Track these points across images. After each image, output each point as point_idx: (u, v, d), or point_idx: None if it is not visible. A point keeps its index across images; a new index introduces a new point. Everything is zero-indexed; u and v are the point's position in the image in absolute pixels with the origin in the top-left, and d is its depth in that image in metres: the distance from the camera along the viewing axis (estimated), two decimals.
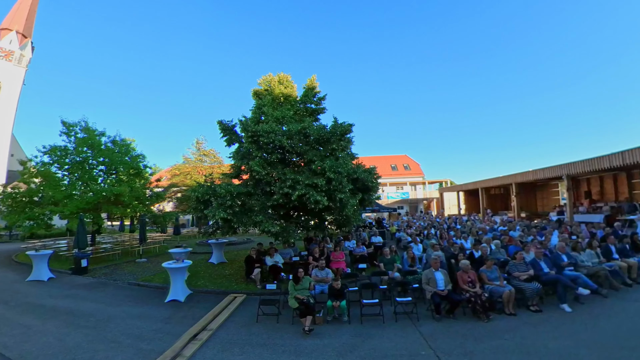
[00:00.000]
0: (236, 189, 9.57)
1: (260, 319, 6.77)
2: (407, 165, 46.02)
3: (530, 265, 7.46)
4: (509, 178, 23.98)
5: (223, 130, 12.12)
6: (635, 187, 19.85)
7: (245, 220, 9.62)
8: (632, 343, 4.84)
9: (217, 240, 13.73)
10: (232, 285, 9.84)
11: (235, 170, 12.74)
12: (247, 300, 8.43)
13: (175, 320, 6.91)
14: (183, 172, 30.38)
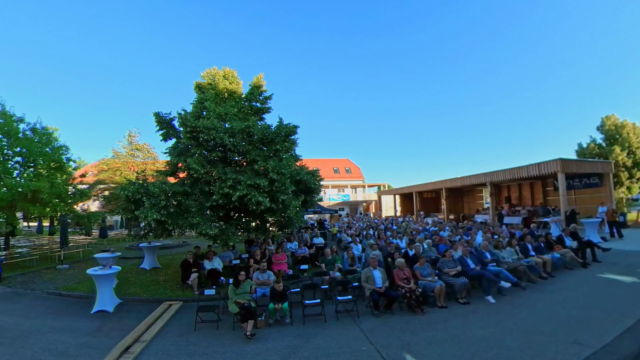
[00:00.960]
0: (171, 188, 9.04)
1: (199, 327, 6.45)
2: (348, 169, 47.57)
3: (458, 262, 8.07)
4: (440, 184, 26.17)
5: (160, 123, 11.29)
6: (548, 193, 22.87)
7: (181, 222, 9.02)
8: (548, 329, 5.43)
9: (150, 243, 12.77)
10: (167, 293, 9.21)
11: (171, 168, 11.85)
12: (184, 307, 7.96)
13: (103, 333, 6.33)
14: (112, 168, 27.25)
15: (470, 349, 4.82)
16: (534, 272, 8.50)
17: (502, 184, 25.28)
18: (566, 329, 5.31)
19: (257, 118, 12.64)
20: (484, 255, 8.68)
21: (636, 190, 26.37)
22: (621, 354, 4.36)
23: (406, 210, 33.44)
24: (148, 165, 26.94)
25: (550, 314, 6.09)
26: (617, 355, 4.36)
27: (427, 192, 31.28)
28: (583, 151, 25.99)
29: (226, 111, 10.79)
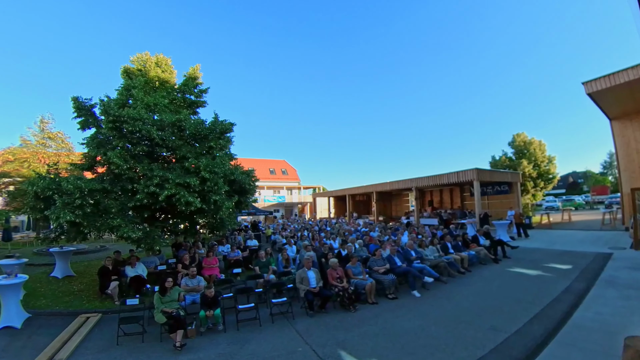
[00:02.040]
0: (88, 185, 8.00)
1: (122, 340, 5.81)
2: (285, 170, 47.27)
3: (387, 260, 8.50)
4: (371, 187, 27.45)
5: (78, 109, 9.84)
6: (465, 198, 25.68)
7: (99, 224, 8.04)
8: (468, 317, 5.99)
9: (62, 248, 11.16)
10: (84, 304, 8.11)
11: (88, 161, 10.38)
12: (104, 320, 7.09)
13: (11, 353, 5.43)
14: (19, 159, 23.22)
15: (400, 341, 5.10)
16: (453, 268, 9.29)
17: (426, 189, 27.55)
18: (483, 317, 5.92)
19: (190, 112, 11.80)
20: (410, 254, 9.27)
21: (539, 197, 30.48)
22: (531, 337, 4.95)
23: (339, 212, 34.40)
24: (62, 157, 23.63)
25: (468, 305, 6.71)
26: (528, 338, 4.93)
27: (359, 195, 32.54)
28: (496, 163, 29.34)
29: (156, 101, 9.90)
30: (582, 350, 4.35)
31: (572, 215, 23.83)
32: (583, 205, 36.86)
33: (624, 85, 11.75)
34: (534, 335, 5.02)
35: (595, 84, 12.39)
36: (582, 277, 8.07)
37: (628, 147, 15.42)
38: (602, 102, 13.94)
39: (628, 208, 13.99)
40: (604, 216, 18.14)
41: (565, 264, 9.61)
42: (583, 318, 5.52)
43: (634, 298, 6.24)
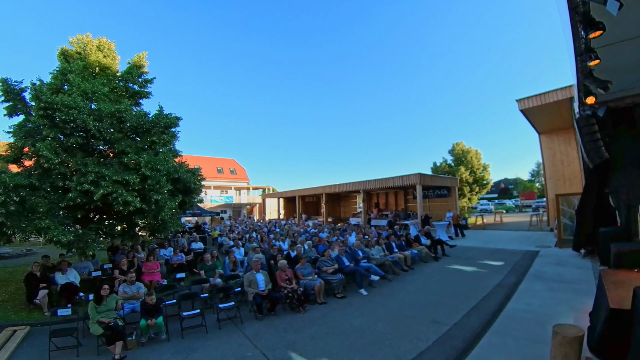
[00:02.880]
0: (13, 180, 7.09)
1: (54, 356, 5.15)
2: (233, 170, 45.44)
3: (335, 260, 8.62)
4: (321, 189, 27.78)
5: (6, 92, 8.68)
6: (409, 201, 27.11)
7: (25, 225, 7.18)
8: (411, 312, 6.28)
9: None
10: (9, 316, 7.07)
11: (14, 153, 9.05)
12: (33, 333, 6.28)
13: None
14: None
15: (348, 338, 5.18)
16: (397, 266, 9.69)
17: (373, 191, 28.53)
18: (426, 312, 6.25)
19: (132, 102, 10.85)
20: (357, 253, 9.50)
21: (475, 200, 33.26)
22: (469, 328, 5.32)
23: (289, 213, 34.26)
24: None
25: (412, 300, 7.03)
26: (467, 329, 5.30)
27: (309, 196, 32.67)
28: (437, 168, 31.56)
29: (95, 89, 8.99)
30: (516, 338, 4.75)
31: (504, 217, 26.19)
32: (513, 209, 40.80)
33: (553, 104, 13.20)
34: (472, 326, 5.39)
35: (527, 102, 13.83)
36: (513, 272, 8.85)
37: (554, 158, 17.39)
38: (533, 118, 15.52)
39: (553, 211, 15.63)
40: (532, 218, 20.25)
41: (498, 261, 10.47)
42: (515, 309, 6.04)
43: (559, 290, 6.95)
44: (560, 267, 9.07)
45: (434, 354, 4.56)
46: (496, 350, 4.49)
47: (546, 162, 17.93)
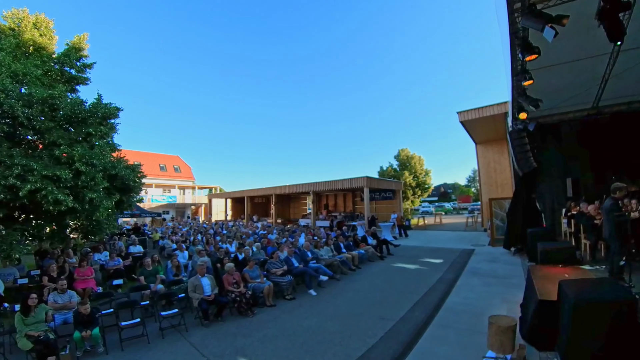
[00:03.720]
0: None
1: None
2: (177, 167, 42.65)
3: (284, 261, 8.57)
4: (270, 190, 27.55)
5: None
6: (357, 203, 28.12)
7: None
8: (359, 310, 6.42)
9: None
10: None
11: None
12: None
13: None
14: None
15: (299, 340, 5.16)
16: (345, 266, 9.88)
17: (322, 193, 29.00)
18: (373, 309, 6.44)
19: (67, 88, 9.87)
20: (306, 254, 9.55)
21: (417, 203, 35.62)
22: (414, 323, 5.59)
23: (237, 214, 33.43)
24: None
25: (360, 299, 7.21)
26: (411, 323, 5.56)
27: (258, 197, 32.16)
28: (383, 172, 33.10)
29: (26, 70, 8.09)
30: (456, 330, 5.11)
31: (443, 218, 28.17)
32: (451, 211, 44.06)
33: (489, 118, 14.45)
34: (416, 320, 5.67)
35: (467, 114, 15.03)
36: (452, 269, 9.46)
37: (488, 166, 19.11)
38: (471, 129, 16.89)
39: (486, 213, 17.04)
40: (468, 220, 21.94)
41: (438, 259, 11.13)
42: (454, 303, 6.49)
43: (493, 284, 7.60)
44: (493, 263, 9.91)
45: (382, 349, 4.70)
46: (439, 341, 4.77)
47: (481, 169, 19.63)
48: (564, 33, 4.84)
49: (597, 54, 7.19)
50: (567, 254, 6.19)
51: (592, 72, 7.95)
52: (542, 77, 7.21)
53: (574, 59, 7.35)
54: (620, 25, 4.64)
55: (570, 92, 8.66)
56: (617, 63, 7.39)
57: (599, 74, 8.02)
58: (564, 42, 5.57)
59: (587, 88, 8.62)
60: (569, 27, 4.76)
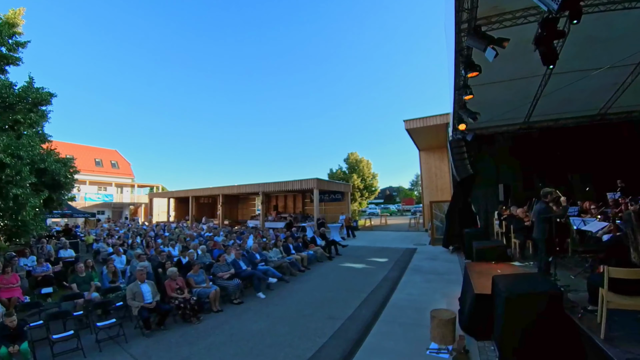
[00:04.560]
0: None
1: None
2: (115, 163, 38.73)
3: (232, 264, 8.33)
4: (217, 190, 26.68)
5: None
6: (306, 204, 28.40)
7: None
8: (309, 311, 6.48)
9: None
10: None
11: None
12: None
13: None
14: None
15: (248, 345, 5.06)
16: (295, 267, 9.94)
17: (272, 194, 28.76)
18: (322, 309, 6.54)
19: None
20: (255, 257, 9.40)
21: (364, 204, 36.98)
22: (362, 320, 5.78)
23: (181, 215, 31.79)
24: None
25: (309, 299, 7.28)
26: (359, 321, 5.75)
27: (204, 197, 30.91)
28: (333, 175, 33.90)
29: None
30: (401, 325, 5.40)
31: (388, 219, 29.62)
32: (396, 212, 46.32)
33: (432, 127, 15.66)
34: (364, 317, 5.88)
35: (412, 123, 16.15)
36: (396, 267, 9.97)
37: (430, 171, 20.62)
38: (415, 137, 18.14)
39: (428, 215, 18.14)
40: (410, 221, 23.52)
41: (383, 258, 11.63)
42: (399, 299, 6.85)
43: (434, 281, 8.15)
44: (433, 261, 10.63)
45: (331, 348, 4.79)
46: (386, 336, 5.01)
47: (424, 174, 21.10)
48: (504, 54, 5.46)
49: (531, 76, 8.30)
50: (499, 251, 6.93)
51: (525, 91, 9.16)
52: (481, 92, 7.98)
53: (510, 79, 8.40)
54: (554, 51, 5.31)
55: (505, 107, 9.81)
56: (547, 84, 8.60)
57: (532, 93, 9.29)
58: (503, 62, 6.25)
59: (520, 105, 9.93)
60: (508, 49, 5.40)
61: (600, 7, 5.67)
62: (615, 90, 9.24)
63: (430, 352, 4.31)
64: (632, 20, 6.17)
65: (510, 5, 5.82)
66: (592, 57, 7.40)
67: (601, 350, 3.18)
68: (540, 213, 5.90)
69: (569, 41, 6.22)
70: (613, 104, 10.02)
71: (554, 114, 10.89)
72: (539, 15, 5.64)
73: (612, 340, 3.28)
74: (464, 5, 5.26)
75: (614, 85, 9.02)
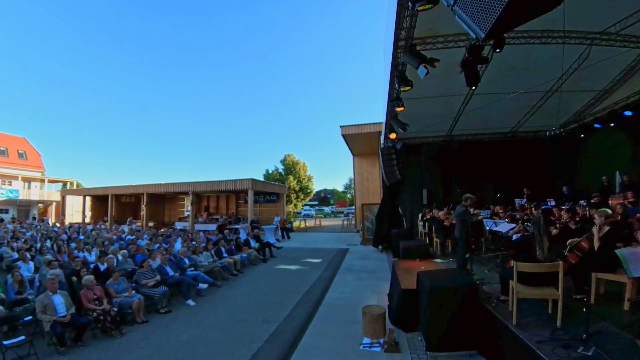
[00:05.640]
0: None
1: None
2: (23, 153, 32.43)
3: (157, 271, 7.76)
4: (142, 188, 24.79)
5: None
6: (240, 205, 27.60)
7: None
8: (243, 316, 6.32)
9: None
10: None
11: None
12: None
13: None
14: None
15: (178, 356, 4.82)
16: (227, 271, 9.62)
17: (203, 194, 27.45)
18: (256, 313, 6.45)
19: None
20: (183, 261, 8.89)
21: (300, 206, 37.38)
22: (297, 321, 5.85)
23: (99, 215, 28.67)
24: None
25: (242, 304, 7.12)
26: (295, 322, 5.81)
27: (126, 196, 28.38)
28: (269, 176, 33.73)
29: None
30: (336, 322, 5.61)
31: (322, 221, 30.16)
32: (330, 214, 47.34)
33: (366, 134, 16.56)
34: (299, 318, 5.96)
35: (348, 129, 16.87)
36: (330, 267, 10.31)
37: (362, 176, 21.72)
38: (350, 142, 18.95)
39: (359, 217, 19.03)
40: (343, 222, 24.46)
41: (318, 258, 11.92)
42: (333, 298, 7.10)
43: (364, 279, 8.58)
44: (364, 260, 11.21)
45: (267, 351, 4.78)
46: (321, 335, 5.15)
47: (356, 178, 22.15)
48: (434, 73, 6.02)
49: (456, 94, 9.54)
50: (422, 250, 7.64)
51: (450, 107, 10.54)
52: (411, 106, 8.75)
53: (437, 95, 9.53)
54: (477, 74, 6.10)
55: (431, 121, 11.09)
56: (469, 103, 10.05)
57: (455, 109, 10.74)
58: (432, 80, 6.92)
59: (444, 119, 11.38)
60: (438, 69, 5.99)
61: (521, 39, 6.76)
62: (526, 112, 11.08)
63: (364, 347, 4.54)
64: (546, 54, 7.50)
65: (444, 29, 6.60)
66: (509, 82, 8.75)
67: (513, 335, 3.61)
68: (460, 215, 6.57)
69: (490, 67, 7.28)
70: (523, 124, 12.01)
71: (472, 130, 12.69)
72: (467, 42, 6.44)
73: (523, 325, 3.75)
74: (403, 24, 5.71)
75: (526, 108, 10.80)
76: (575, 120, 11.72)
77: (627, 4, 6.10)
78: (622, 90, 9.35)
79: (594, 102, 10.29)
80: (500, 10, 1.59)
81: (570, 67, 8.00)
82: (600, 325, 3.57)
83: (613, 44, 7.07)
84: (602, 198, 8.21)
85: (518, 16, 1.72)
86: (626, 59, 7.92)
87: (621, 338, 3.29)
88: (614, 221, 4.71)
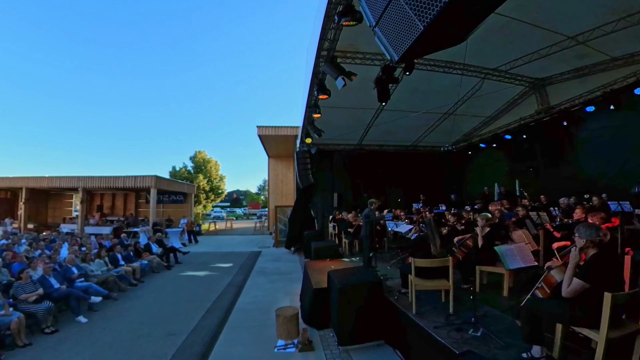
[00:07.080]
0: None
1: None
2: None
3: (39, 283, 6.60)
4: (20, 181, 20.70)
5: None
6: (140, 205, 24.98)
7: None
8: (145, 331, 5.69)
9: None
10: None
11: None
12: None
13: None
14: None
15: None
16: (124, 281, 8.59)
17: (96, 191, 24.04)
18: (161, 326, 5.87)
19: None
20: (71, 271, 7.67)
21: (209, 207, 35.39)
22: (207, 331, 5.52)
23: None
24: None
25: (144, 317, 6.42)
26: (204, 332, 5.47)
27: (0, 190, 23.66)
28: (176, 173, 31.22)
29: None
30: (248, 328, 5.45)
31: (234, 223, 29.23)
32: (242, 216, 46.33)
33: (283, 137, 16.70)
34: (209, 328, 5.63)
35: (265, 130, 16.73)
36: (241, 271, 10.02)
37: (276, 178, 21.67)
38: (266, 144, 18.79)
39: (272, 219, 18.97)
40: (256, 224, 24.23)
41: (228, 263, 11.50)
42: (244, 303, 6.91)
43: (277, 281, 8.59)
44: (277, 262, 11.23)
45: None
46: (234, 343, 4.96)
47: (271, 180, 22.01)
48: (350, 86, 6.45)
49: (368, 108, 10.59)
50: (332, 250, 8.12)
51: (362, 119, 11.71)
52: (327, 114, 9.25)
53: (352, 107, 10.44)
54: (388, 92, 6.83)
55: (344, 130, 12.11)
56: (379, 117, 11.34)
57: (366, 121, 12.00)
58: (348, 92, 7.44)
59: (356, 129, 12.58)
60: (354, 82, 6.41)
61: (428, 66, 8.01)
62: (426, 129, 13.12)
63: (278, 350, 4.56)
64: (446, 81, 8.90)
65: (364, 47, 7.31)
66: (414, 102, 10.13)
67: (414, 323, 4.04)
68: (366, 217, 7.11)
69: (400, 87, 8.40)
70: (423, 139, 14.21)
71: (380, 141, 14.38)
72: (382, 61, 7.19)
73: (421, 314, 4.21)
74: (328, 35, 6.07)
75: (426, 126, 12.77)
76: (465, 140, 14.43)
77: (517, 48, 7.64)
78: (505, 118, 11.82)
79: (481, 125, 12.95)
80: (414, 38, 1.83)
81: (465, 95, 9.88)
82: (485, 309, 4.24)
83: (502, 79, 9.01)
84: (484, 204, 9.68)
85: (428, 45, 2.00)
86: (512, 93, 10.29)
87: (503, 319, 3.94)
88: (493, 223, 5.60)
